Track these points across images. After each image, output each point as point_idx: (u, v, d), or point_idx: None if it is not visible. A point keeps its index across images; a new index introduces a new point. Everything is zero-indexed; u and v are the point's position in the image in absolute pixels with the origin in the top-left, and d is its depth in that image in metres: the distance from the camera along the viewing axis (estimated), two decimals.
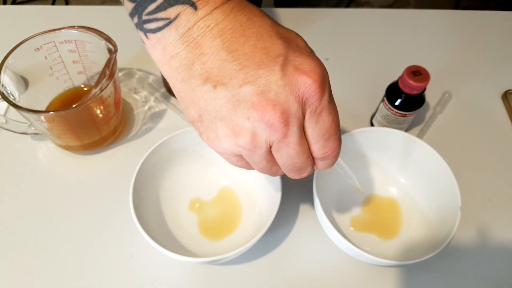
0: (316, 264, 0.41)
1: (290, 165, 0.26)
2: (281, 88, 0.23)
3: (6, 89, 0.41)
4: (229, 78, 0.23)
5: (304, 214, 0.44)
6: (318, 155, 0.26)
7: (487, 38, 0.62)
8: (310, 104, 0.24)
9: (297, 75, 0.23)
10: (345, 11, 0.65)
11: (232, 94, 0.23)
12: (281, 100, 0.23)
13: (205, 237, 0.41)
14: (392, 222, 0.43)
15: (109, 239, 0.42)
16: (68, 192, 0.45)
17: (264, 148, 0.25)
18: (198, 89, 0.24)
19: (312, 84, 0.23)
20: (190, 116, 0.26)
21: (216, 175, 0.45)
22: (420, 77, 0.42)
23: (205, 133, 0.25)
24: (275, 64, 0.23)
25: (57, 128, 0.42)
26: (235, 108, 0.23)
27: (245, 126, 0.24)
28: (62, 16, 0.62)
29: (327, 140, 0.26)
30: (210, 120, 0.24)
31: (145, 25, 0.24)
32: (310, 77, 0.23)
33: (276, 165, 0.27)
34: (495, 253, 0.42)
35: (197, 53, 0.24)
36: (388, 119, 0.47)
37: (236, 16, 0.24)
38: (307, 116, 0.24)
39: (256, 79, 0.23)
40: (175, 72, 0.25)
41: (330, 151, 0.26)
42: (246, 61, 0.23)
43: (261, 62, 0.23)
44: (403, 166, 0.45)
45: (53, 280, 0.39)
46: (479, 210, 0.45)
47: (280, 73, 0.23)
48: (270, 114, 0.23)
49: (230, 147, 0.25)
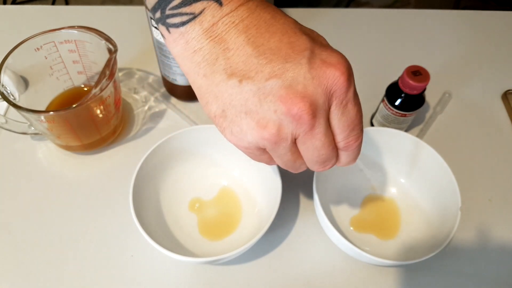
0: (316, 264, 0.41)
1: (316, 157, 0.26)
2: (309, 81, 0.23)
3: (6, 89, 0.41)
4: (255, 72, 0.23)
5: (304, 214, 0.44)
6: (342, 145, 0.27)
7: (487, 38, 0.62)
8: (337, 96, 0.24)
9: (325, 68, 0.23)
10: (345, 11, 0.65)
11: (258, 87, 0.23)
12: (309, 92, 0.23)
13: (205, 237, 0.41)
14: (392, 222, 0.43)
15: (109, 239, 0.42)
16: (68, 192, 0.45)
17: (289, 140, 0.25)
18: (222, 84, 0.24)
19: (340, 76, 0.24)
20: (211, 112, 0.26)
21: (216, 175, 0.45)
22: (420, 77, 0.42)
23: (228, 127, 0.25)
24: (302, 57, 0.23)
25: (57, 128, 0.42)
26: (261, 101, 0.24)
27: (271, 119, 0.24)
28: (62, 16, 0.62)
29: (351, 131, 0.26)
30: (235, 114, 0.24)
31: (168, 19, 0.24)
32: (338, 70, 0.24)
33: (300, 159, 0.27)
34: (495, 253, 0.42)
35: (222, 48, 0.24)
36: (388, 119, 0.47)
37: (260, 14, 0.24)
38: (333, 108, 0.25)
39: (283, 73, 0.23)
40: (197, 67, 0.25)
41: (354, 139, 0.26)
42: (272, 55, 0.23)
43: (288, 56, 0.23)
44: (403, 166, 0.45)
45: (53, 280, 0.39)
46: (479, 210, 0.45)
47: (308, 66, 0.23)
48: (298, 107, 0.23)
49: (255, 140, 0.25)
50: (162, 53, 0.45)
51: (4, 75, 0.40)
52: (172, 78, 0.48)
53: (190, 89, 0.50)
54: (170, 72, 0.47)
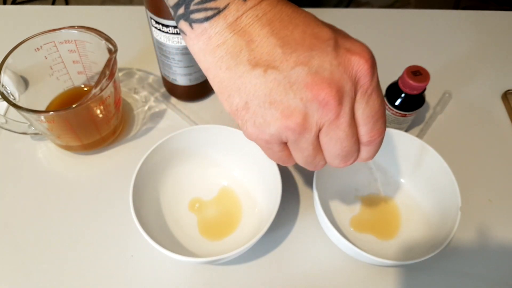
0: (316, 264, 0.41)
1: (338, 149, 0.26)
2: (335, 67, 0.23)
3: (6, 89, 0.41)
4: (280, 62, 0.23)
5: (304, 214, 0.44)
6: (365, 139, 0.26)
7: (487, 38, 0.62)
8: (361, 84, 0.24)
9: (350, 55, 0.24)
10: (345, 11, 0.65)
11: (283, 76, 0.23)
12: (336, 78, 0.23)
13: (205, 237, 0.41)
14: (392, 222, 0.43)
15: (109, 239, 0.42)
16: (68, 192, 0.45)
17: (314, 131, 0.25)
18: (246, 75, 0.24)
19: (365, 64, 0.24)
20: (233, 105, 0.25)
21: (216, 175, 0.45)
22: (420, 77, 0.42)
23: (250, 120, 0.25)
24: (327, 46, 0.24)
25: (57, 128, 0.42)
26: (286, 90, 0.23)
27: (297, 107, 0.24)
28: (62, 16, 0.62)
29: (375, 122, 0.26)
30: (259, 105, 0.24)
31: (192, 15, 0.24)
32: (363, 57, 0.24)
33: (321, 154, 0.27)
34: (495, 253, 0.42)
35: (246, 40, 0.24)
36: (388, 119, 0.47)
37: (282, 8, 0.24)
38: (358, 97, 0.25)
39: (309, 60, 0.23)
40: (220, 61, 0.25)
41: (378, 133, 0.26)
42: (297, 45, 0.23)
43: (313, 45, 0.23)
44: (403, 166, 0.45)
45: (53, 280, 0.39)
46: (479, 210, 0.45)
47: (333, 53, 0.23)
48: (325, 92, 0.23)
49: (279, 131, 0.25)
50: (162, 53, 0.45)
51: (4, 75, 0.40)
52: (172, 78, 0.48)
53: (190, 89, 0.50)
54: (170, 72, 0.47)
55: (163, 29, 0.41)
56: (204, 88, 0.52)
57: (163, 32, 0.42)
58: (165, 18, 0.40)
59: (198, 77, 0.49)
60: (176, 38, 0.42)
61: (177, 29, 0.41)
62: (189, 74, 0.47)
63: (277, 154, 0.28)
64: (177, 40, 0.42)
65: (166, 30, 0.41)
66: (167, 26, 0.41)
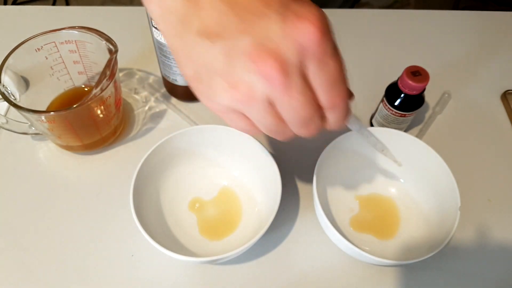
0: (315, 263, 0.41)
1: (296, 118, 0.25)
2: (281, 38, 0.22)
3: (7, 89, 0.41)
4: (226, 30, 0.22)
5: (304, 214, 0.44)
6: (326, 104, 0.25)
7: (487, 38, 0.62)
8: (313, 52, 0.23)
9: (299, 23, 0.22)
10: (344, 11, 0.65)
11: (229, 46, 0.22)
12: (281, 50, 0.22)
13: (205, 237, 0.42)
14: (391, 222, 0.43)
15: (109, 239, 0.42)
16: (68, 192, 0.45)
17: (262, 100, 0.24)
18: (194, 44, 0.23)
19: (315, 31, 0.22)
20: (187, 74, 0.25)
21: (216, 175, 0.45)
22: (419, 77, 0.42)
23: (203, 91, 0.25)
24: (273, 12, 0.22)
25: (57, 128, 0.42)
26: (232, 61, 0.23)
27: (242, 79, 0.23)
28: (62, 17, 0.62)
29: (332, 87, 0.24)
30: (208, 75, 0.24)
31: None
32: (312, 24, 0.22)
33: (282, 122, 0.26)
34: (494, 253, 0.42)
35: (195, 7, 0.23)
36: (387, 119, 0.47)
37: None
38: (310, 65, 0.23)
39: (254, 29, 0.22)
40: (171, 27, 0.24)
41: (339, 97, 0.25)
42: (245, 12, 0.22)
43: (260, 13, 0.22)
44: (402, 166, 0.45)
45: (53, 280, 0.39)
46: (478, 210, 0.45)
47: (280, 22, 0.22)
48: (269, 65, 0.22)
49: (227, 102, 0.24)
50: (163, 53, 0.45)
51: (4, 75, 0.41)
52: (173, 78, 0.48)
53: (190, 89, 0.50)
54: (171, 72, 0.48)
55: None
56: None
57: None
58: None
59: None
60: None
61: None
62: None
63: (238, 124, 0.27)
64: None
65: None
66: None
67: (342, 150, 0.43)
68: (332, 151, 0.41)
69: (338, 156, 0.43)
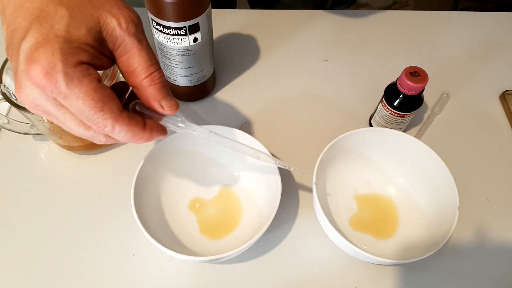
0: (315, 263, 0.41)
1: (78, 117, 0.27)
2: (25, 76, 0.24)
3: (8, 89, 0.41)
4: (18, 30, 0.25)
5: (303, 214, 0.44)
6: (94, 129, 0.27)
7: (485, 39, 0.63)
8: (51, 91, 0.24)
9: (29, 66, 0.24)
10: (344, 12, 0.65)
11: (16, 46, 0.24)
12: (27, 89, 0.25)
13: (206, 236, 0.42)
14: (390, 221, 0.43)
15: (110, 238, 0.42)
16: (69, 192, 0.45)
17: (44, 105, 0.26)
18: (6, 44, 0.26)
19: (43, 77, 0.24)
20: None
21: (216, 175, 0.46)
22: (418, 77, 0.42)
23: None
24: (19, 48, 0.24)
25: (59, 128, 0.42)
26: (18, 61, 0.25)
27: (23, 81, 0.25)
28: None
29: (85, 117, 0.26)
30: (15, 73, 0.26)
31: None
32: (39, 68, 0.23)
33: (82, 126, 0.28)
34: (493, 252, 0.43)
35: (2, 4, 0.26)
36: (386, 120, 0.47)
37: None
38: (60, 100, 0.25)
39: (29, 31, 0.24)
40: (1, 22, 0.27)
41: (96, 125, 0.27)
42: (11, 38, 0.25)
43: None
44: (401, 166, 0.45)
45: (54, 279, 0.40)
46: (477, 209, 0.45)
47: (23, 63, 0.24)
48: (36, 72, 0.24)
49: (23, 100, 0.26)
50: (163, 54, 0.45)
51: (6, 76, 0.41)
52: (173, 79, 0.49)
53: (191, 90, 0.51)
54: (171, 73, 0.48)
55: (164, 30, 0.42)
56: (204, 89, 0.52)
57: (164, 34, 0.42)
58: (166, 19, 0.40)
59: (199, 78, 0.49)
60: (177, 39, 0.42)
61: (178, 31, 0.41)
62: (189, 75, 0.48)
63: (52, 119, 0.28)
64: (178, 42, 0.43)
65: (167, 31, 0.41)
66: (168, 27, 0.41)
67: (342, 150, 0.43)
68: (332, 151, 0.42)
69: (338, 156, 0.44)
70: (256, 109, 0.53)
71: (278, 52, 0.59)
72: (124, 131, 0.28)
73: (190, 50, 0.44)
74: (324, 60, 0.59)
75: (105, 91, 0.26)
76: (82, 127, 0.27)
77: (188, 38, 0.42)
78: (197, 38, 0.43)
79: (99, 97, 0.25)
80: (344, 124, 0.51)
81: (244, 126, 0.51)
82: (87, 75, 0.25)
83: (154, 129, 0.30)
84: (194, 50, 0.44)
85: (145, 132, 0.29)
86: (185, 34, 0.42)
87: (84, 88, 0.25)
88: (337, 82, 0.56)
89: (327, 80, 0.56)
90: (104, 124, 0.26)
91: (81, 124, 0.27)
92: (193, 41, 0.43)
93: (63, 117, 0.27)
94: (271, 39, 0.61)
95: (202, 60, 0.47)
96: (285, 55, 0.59)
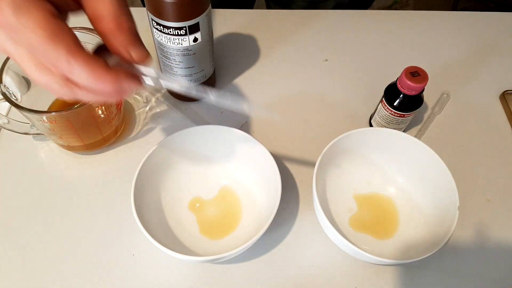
0: (315, 263, 0.41)
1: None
2: None
3: (8, 89, 0.41)
4: None
5: (303, 214, 0.44)
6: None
7: (485, 39, 0.63)
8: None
9: None
10: (344, 12, 0.65)
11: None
12: None
13: (206, 236, 0.42)
14: (390, 221, 0.43)
15: (110, 238, 0.42)
16: (69, 192, 0.45)
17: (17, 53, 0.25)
18: None
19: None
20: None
21: (216, 175, 0.46)
22: (418, 77, 0.42)
23: None
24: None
25: (59, 128, 0.42)
26: None
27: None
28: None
29: (43, 54, 0.25)
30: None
31: None
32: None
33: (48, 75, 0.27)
34: (493, 252, 0.43)
35: None
36: (386, 120, 0.47)
37: None
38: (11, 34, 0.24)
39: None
40: None
41: (55, 64, 0.25)
42: None
43: None
44: (401, 166, 0.45)
45: (54, 279, 0.40)
46: (477, 209, 0.45)
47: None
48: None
49: None
50: (163, 54, 0.45)
51: (6, 76, 0.41)
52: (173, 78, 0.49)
53: None
54: (171, 72, 0.48)
55: (164, 30, 0.42)
56: None
57: (164, 34, 0.42)
58: (166, 19, 0.40)
59: (199, 77, 0.49)
60: (177, 39, 0.42)
61: (178, 31, 0.41)
62: (189, 75, 0.48)
63: (14, 59, 0.27)
64: (178, 42, 0.43)
65: (167, 31, 0.41)
66: (168, 27, 0.41)
67: (342, 150, 0.43)
68: (332, 151, 0.42)
69: (338, 156, 0.44)
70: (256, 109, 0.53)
71: (278, 52, 0.59)
72: (84, 71, 0.25)
73: (190, 50, 0.44)
74: (324, 60, 0.59)
75: (58, 23, 0.24)
76: (39, 70, 0.26)
77: (188, 38, 0.42)
78: (197, 38, 0.43)
79: (51, 28, 0.24)
80: (344, 124, 0.51)
81: (244, 126, 0.51)
82: (39, 5, 0.24)
83: (121, 73, 0.27)
84: (194, 50, 0.44)
85: (110, 74, 0.26)
86: (185, 34, 0.42)
87: (34, 18, 0.23)
88: (337, 82, 0.56)
89: (327, 80, 0.56)
90: (58, 59, 0.25)
91: (37, 66, 0.25)
92: (193, 41, 0.43)
93: (19, 57, 0.25)
94: (271, 39, 0.61)
95: (202, 60, 0.47)
96: (285, 55, 0.59)
